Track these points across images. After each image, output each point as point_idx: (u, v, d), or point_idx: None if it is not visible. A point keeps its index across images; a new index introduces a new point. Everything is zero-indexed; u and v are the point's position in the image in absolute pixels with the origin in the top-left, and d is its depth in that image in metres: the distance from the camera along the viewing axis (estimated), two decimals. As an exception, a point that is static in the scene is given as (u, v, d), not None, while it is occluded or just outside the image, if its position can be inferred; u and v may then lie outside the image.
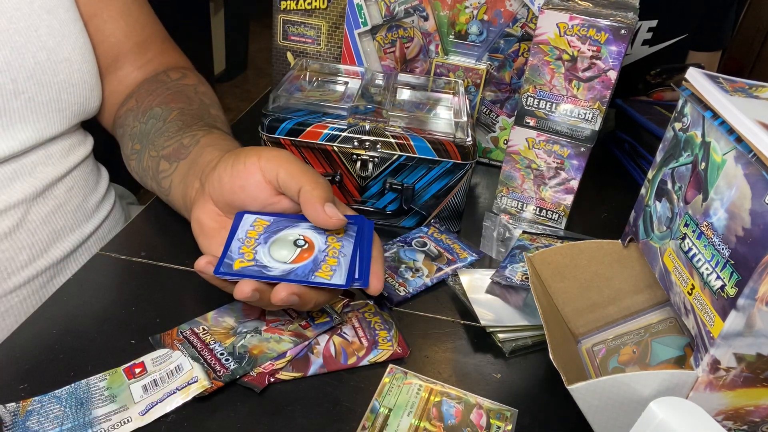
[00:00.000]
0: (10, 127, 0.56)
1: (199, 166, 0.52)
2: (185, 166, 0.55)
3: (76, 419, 0.40)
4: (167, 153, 0.57)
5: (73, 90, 0.60)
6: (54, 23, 0.58)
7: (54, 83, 0.58)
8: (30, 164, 0.59)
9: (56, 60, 0.58)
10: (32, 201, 0.59)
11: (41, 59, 0.56)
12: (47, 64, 0.57)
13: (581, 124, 0.63)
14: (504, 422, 0.43)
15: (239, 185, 0.47)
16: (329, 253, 0.46)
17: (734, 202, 0.36)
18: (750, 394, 0.38)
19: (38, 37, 0.56)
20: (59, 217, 0.62)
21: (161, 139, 0.58)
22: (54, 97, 0.58)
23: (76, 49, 0.60)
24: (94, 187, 0.69)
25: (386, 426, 0.42)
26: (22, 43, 0.55)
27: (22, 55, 0.55)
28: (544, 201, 0.69)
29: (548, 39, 0.60)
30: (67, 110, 0.60)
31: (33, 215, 0.59)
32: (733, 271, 0.35)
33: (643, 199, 0.48)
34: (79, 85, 0.61)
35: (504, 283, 0.55)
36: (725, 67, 1.35)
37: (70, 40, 0.59)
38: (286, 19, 0.83)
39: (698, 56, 1.30)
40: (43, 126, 0.58)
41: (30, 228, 0.59)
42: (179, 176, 0.55)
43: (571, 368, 0.45)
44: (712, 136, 0.39)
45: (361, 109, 0.63)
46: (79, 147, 0.66)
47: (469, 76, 0.77)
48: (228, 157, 0.48)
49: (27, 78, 0.55)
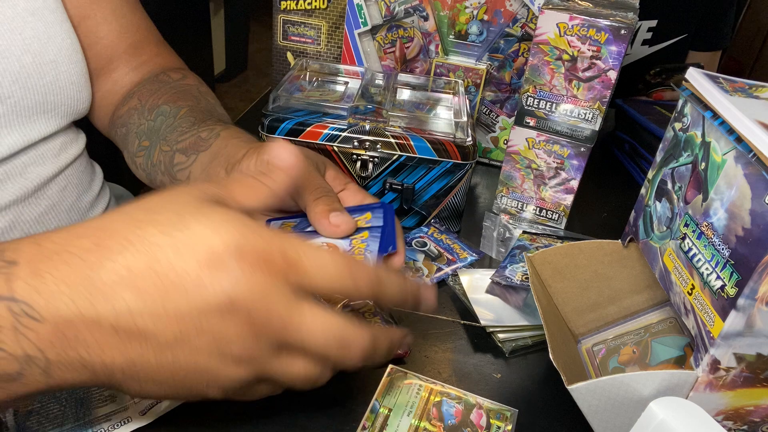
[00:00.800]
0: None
1: (224, 156, 0.52)
2: (207, 157, 0.54)
3: (76, 419, 0.40)
4: (183, 146, 0.57)
5: (60, 92, 0.59)
6: (39, 25, 0.57)
7: (40, 86, 0.57)
8: (20, 165, 0.58)
9: (42, 62, 0.57)
10: (24, 201, 0.58)
11: (26, 62, 0.55)
12: (32, 67, 0.56)
13: (581, 124, 0.63)
14: (504, 422, 0.43)
15: None
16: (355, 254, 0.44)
17: (734, 202, 0.36)
18: (750, 394, 0.38)
19: (23, 40, 0.55)
20: (53, 217, 0.62)
21: (174, 134, 0.58)
22: (40, 99, 0.58)
23: (62, 51, 0.59)
24: (88, 186, 0.68)
25: (386, 426, 0.42)
26: (5, 47, 0.54)
27: (7, 59, 0.54)
28: (544, 201, 0.69)
29: (548, 39, 0.60)
30: (54, 111, 0.60)
31: (26, 216, 0.59)
32: (733, 271, 0.35)
33: (643, 199, 0.48)
34: (66, 86, 0.60)
35: (504, 283, 0.55)
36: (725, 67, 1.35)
37: (56, 41, 0.58)
38: (286, 19, 0.83)
39: (698, 56, 1.30)
40: (30, 129, 0.58)
41: (23, 229, 0.58)
42: (200, 167, 0.55)
43: (571, 368, 0.45)
44: (712, 136, 0.39)
45: (361, 109, 0.63)
46: (72, 145, 0.65)
47: (469, 76, 0.77)
48: (252, 152, 0.49)
49: (12, 82, 0.54)
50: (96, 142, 0.71)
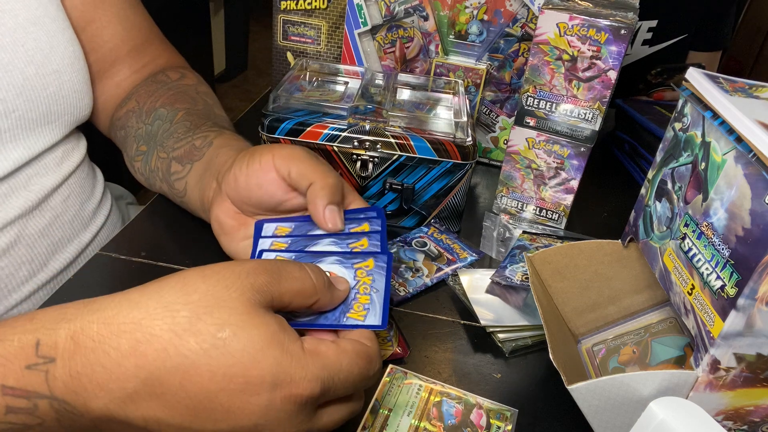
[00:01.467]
0: (2, 148, 0.54)
1: (215, 167, 0.52)
2: (201, 167, 0.54)
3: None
4: (178, 154, 0.57)
5: (63, 101, 0.59)
6: (41, 35, 0.56)
7: (44, 97, 0.56)
8: (24, 178, 0.57)
9: (45, 73, 0.56)
10: (29, 214, 0.58)
11: (30, 74, 0.55)
12: (36, 79, 0.55)
13: (581, 124, 0.63)
14: (504, 422, 0.43)
15: (255, 183, 0.47)
16: (360, 290, 0.41)
17: (734, 202, 0.36)
18: (750, 394, 0.38)
19: (25, 52, 0.54)
20: (57, 228, 0.61)
21: (170, 140, 0.58)
22: (44, 111, 0.57)
23: (65, 60, 0.58)
24: (91, 193, 0.68)
25: (386, 426, 0.42)
26: (8, 59, 0.53)
27: (10, 73, 0.53)
28: (544, 201, 0.69)
29: (548, 39, 0.60)
30: (57, 122, 0.59)
31: (30, 229, 0.58)
32: (733, 271, 0.35)
33: (643, 199, 0.48)
34: (69, 95, 0.59)
35: (504, 283, 0.55)
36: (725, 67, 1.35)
37: (59, 50, 0.58)
38: (286, 19, 0.83)
39: (698, 56, 1.30)
40: (35, 141, 0.57)
41: (28, 242, 0.58)
42: (195, 178, 0.55)
43: (571, 368, 0.45)
44: (712, 136, 0.39)
45: (361, 109, 0.63)
46: (73, 152, 0.64)
47: (469, 76, 0.77)
48: (243, 156, 0.49)
49: (16, 96, 0.54)
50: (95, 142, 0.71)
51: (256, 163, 0.47)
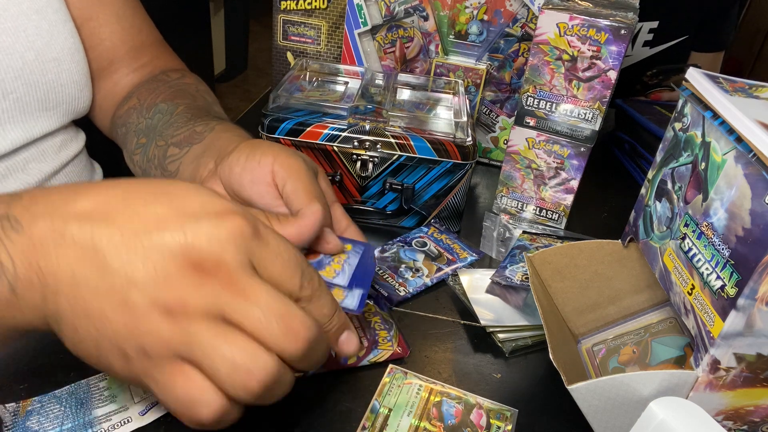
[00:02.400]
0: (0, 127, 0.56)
1: (215, 149, 0.52)
2: (199, 148, 0.54)
3: (76, 419, 0.40)
4: (177, 140, 0.57)
5: (61, 89, 0.60)
6: (43, 24, 0.58)
7: (42, 83, 0.58)
8: (22, 161, 0.59)
9: (44, 60, 0.58)
10: None
11: (29, 59, 0.56)
12: (35, 64, 0.57)
13: (581, 124, 0.63)
14: (504, 422, 0.43)
15: (249, 180, 0.47)
16: (334, 260, 0.44)
17: (734, 202, 0.36)
18: (750, 394, 0.38)
19: (26, 38, 0.56)
20: None
21: (170, 129, 0.58)
22: (42, 97, 0.58)
23: (65, 50, 0.60)
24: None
25: (386, 426, 0.42)
26: (9, 43, 0.55)
27: (10, 56, 0.55)
28: (544, 201, 0.69)
29: (548, 39, 0.60)
30: (55, 109, 0.61)
31: None
32: (733, 271, 0.35)
33: (643, 199, 0.48)
34: (68, 84, 0.61)
35: (504, 283, 0.55)
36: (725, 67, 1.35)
37: (59, 40, 0.59)
38: (286, 19, 0.83)
39: (700, 57, 1.29)
40: (32, 125, 0.59)
41: None
42: (190, 158, 0.54)
43: (571, 368, 0.45)
44: (712, 136, 0.39)
45: (361, 109, 0.63)
46: (72, 143, 0.66)
47: (469, 76, 0.77)
48: (244, 146, 0.47)
49: (14, 78, 0.55)
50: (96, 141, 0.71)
51: (255, 161, 0.46)
